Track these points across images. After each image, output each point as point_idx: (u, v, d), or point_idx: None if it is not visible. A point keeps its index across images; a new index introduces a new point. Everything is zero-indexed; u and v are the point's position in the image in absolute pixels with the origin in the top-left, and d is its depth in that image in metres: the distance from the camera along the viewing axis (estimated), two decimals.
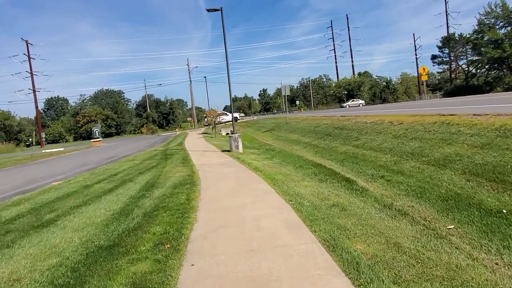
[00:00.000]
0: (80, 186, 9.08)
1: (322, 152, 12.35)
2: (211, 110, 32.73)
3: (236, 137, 15.34)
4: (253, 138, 25.18)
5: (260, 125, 33.79)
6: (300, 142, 16.66)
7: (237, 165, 11.02)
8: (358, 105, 51.28)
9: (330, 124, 17.65)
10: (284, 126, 25.47)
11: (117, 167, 13.04)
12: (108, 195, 7.45)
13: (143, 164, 13.19)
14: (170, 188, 7.61)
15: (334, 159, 10.58)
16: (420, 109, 16.83)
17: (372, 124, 13.54)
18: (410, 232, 4.18)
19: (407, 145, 8.86)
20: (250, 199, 6.29)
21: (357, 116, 17.27)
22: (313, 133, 17.52)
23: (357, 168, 8.64)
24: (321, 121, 19.93)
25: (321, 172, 8.96)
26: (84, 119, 72.12)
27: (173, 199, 6.45)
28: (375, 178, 7.33)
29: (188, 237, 4.37)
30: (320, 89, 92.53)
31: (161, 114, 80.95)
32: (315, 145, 14.26)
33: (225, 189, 7.33)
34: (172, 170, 10.90)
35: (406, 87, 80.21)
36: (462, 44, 47.03)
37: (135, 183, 8.84)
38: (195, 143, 23.39)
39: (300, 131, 19.88)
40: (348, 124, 15.72)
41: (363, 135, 12.31)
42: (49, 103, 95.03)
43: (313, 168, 9.66)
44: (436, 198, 5.31)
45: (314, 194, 6.33)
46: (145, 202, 6.43)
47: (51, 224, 5.38)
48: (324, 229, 4.19)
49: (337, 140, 13.58)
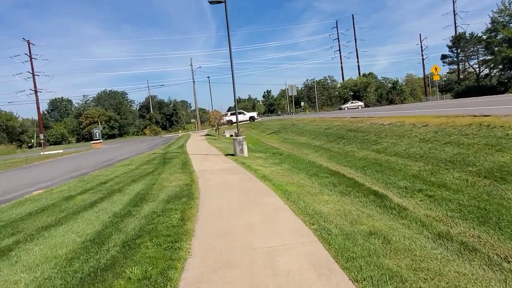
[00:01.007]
0: (61, 197, 7.86)
1: (337, 157, 11.05)
2: (215, 111, 31.55)
3: (241, 140, 14.10)
4: (258, 140, 23.92)
5: (265, 127, 32.53)
6: (310, 145, 15.37)
7: (242, 172, 9.77)
8: (357, 107, 49.49)
9: (342, 126, 16.35)
10: (290, 128, 24.19)
11: (110, 173, 11.83)
12: (88, 211, 6.21)
13: (139, 170, 11.97)
14: (162, 203, 6.37)
15: (353, 166, 9.27)
16: (439, 110, 15.49)
17: (390, 126, 12.23)
18: (498, 284, 2.88)
19: (442, 150, 7.54)
20: (259, 217, 5.03)
21: (371, 118, 15.97)
22: (323, 136, 16.22)
23: (384, 178, 7.33)
24: (331, 123, 18.63)
25: (341, 182, 7.66)
26: (87, 120, 71.43)
27: (164, 219, 5.20)
28: (411, 192, 6.02)
29: (176, 285, 3.11)
30: (324, 90, 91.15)
31: (164, 116, 80.00)
32: (328, 149, 12.96)
33: (228, 204, 6.07)
34: (169, 177, 9.67)
35: (411, 88, 78.46)
36: (473, 44, 45.37)
37: (124, 194, 7.60)
38: (197, 145, 22.18)
39: (309, 134, 18.59)
40: (363, 126, 14.41)
41: (383, 139, 11.00)
42: (53, 104, 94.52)
43: (330, 177, 8.37)
44: (510, 224, 4.01)
45: (339, 213, 5.04)
46: (129, 223, 5.18)
47: (2, 256, 4.15)
48: (371, 278, 2.91)
49: (353, 143, 12.27)
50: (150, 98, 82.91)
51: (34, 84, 54.95)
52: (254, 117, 43.75)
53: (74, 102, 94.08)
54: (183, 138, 33.15)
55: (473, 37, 45.13)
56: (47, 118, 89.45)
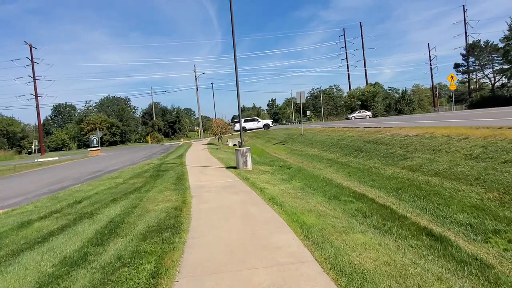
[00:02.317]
0: (16, 223, 6.20)
1: (359, 175, 9.33)
2: (217, 119, 29.92)
3: (245, 151, 12.44)
4: (263, 151, 22.23)
5: (270, 136, 30.84)
6: (323, 158, 13.64)
7: (245, 191, 8.08)
8: (365, 116, 47.59)
9: (357, 137, 14.63)
10: (298, 138, 22.49)
11: (92, 187, 10.19)
12: (35, 250, 4.54)
13: (125, 185, 10.31)
14: (137, 239, 4.68)
15: (381, 188, 7.54)
16: (466, 121, 13.77)
17: (418, 138, 10.51)
18: None
19: (506, 172, 5.80)
20: (272, 276, 3.35)
21: (389, 128, 14.25)
22: (337, 148, 14.51)
23: (432, 208, 5.60)
24: (344, 133, 16.92)
25: (372, 210, 5.94)
26: (88, 127, 70.40)
27: (129, 273, 3.52)
28: (484, 234, 4.29)
29: None
30: (330, 100, 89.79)
31: (167, 123, 78.74)
32: (345, 164, 11.23)
33: (226, 244, 4.38)
34: (157, 196, 8.00)
35: (418, 99, 76.54)
36: (488, 52, 43.56)
37: (93, 221, 5.92)
38: (197, 155, 20.54)
39: (320, 145, 16.87)
40: (383, 137, 12.70)
41: (413, 153, 9.27)
42: (56, 110, 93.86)
43: (356, 202, 6.64)
44: None
45: (391, 272, 3.32)
46: (76, 279, 3.49)
47: None
48: None
49: (374, 158, 10.55)
50: (153, 105, 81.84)
51: (34, 89, 54.02)
52: (269, 124, 40.59)
53: (78, 108, 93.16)
54: (183, 147, 31.56)
55: (488, 45, 43.34)
56: (50, 124, 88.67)
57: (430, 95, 72.94)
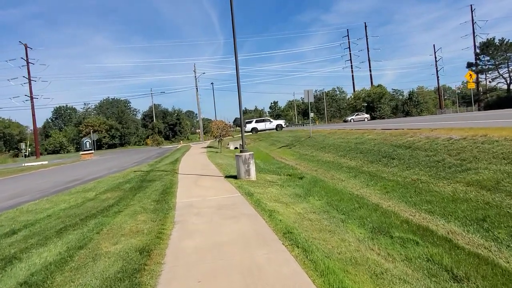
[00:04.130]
0: None
1: (400, 191, 6.94)
2: (217, 121, 27.56)
3: (247, 157, 10.12)
4: (268, 155, 19.86)
5: (274, 139, 28.42)
6: (341, 166, 11.26)
7: (248, 215, 5.77)
8: (363, 119, 46.68)
9: (380, 140, 12.26)
10: (306, 141, 20.13)
11: (49, 206, 7.87)
12: None
13: (93, 202, 7.99)
14: None
15: (448, 215, 5.16)
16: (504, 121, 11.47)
17: (470, 142, 8.15)
18: None
19: None
20: None
21: (417, 130, 11.84)
22: (357, 153, 12.13)
23: None
24: (362, 135, 14.55)
25: (460, 265, 3.58)
26: (87, 129, 68.22)
27: None
28: None
29: None
30: (333, 102, 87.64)
31: (168, 125, 76.60)
32: (374, 175, 8.85)
33: None
34: (125, 224, 5.69)
35: (423, 101, 73.87)
36: (503, 51, 40.93)
37: None
38: (194, 160, 18.23)
39: (334, 149, 14.50)
40: (415, 140, 10.32)
41: (473, 162, 6.90)
42: (57, 112, 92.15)
43: (422, 244, 4.27)
44: None
45: None
46: None
47: None
48: None
49: (414, 167, 8.17)
50: (154, 107, 79.73)
51: (30, 90, 51.97)
52: (282, 125, 37.43)
53: (78, 110, 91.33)
54: (180, 150, 29.28)
55: (504, 43, 40.70)
56: (50, 126, 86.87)
57: (434, 97, 70.41)
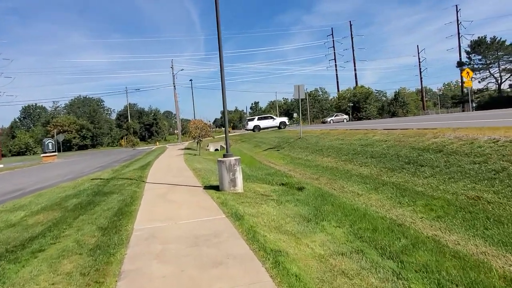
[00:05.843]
0: None
1: (464, 217, 4.77)
2: (196, 120, 24.90)
3: (232, 163, 7.71)
4: (253, 159, 17.49)
5: (258, 140, 26.06)
6: (351, 174, 9.05)
7: (240, 259, 3.35)
8: (342, 120, 46.56)
9: (393, 143, 10.18)
10: (297, 143, 17.92)
11: None
12: None
13: (7, 232, 5.37)
14: None
15: None
16: None
17: None
18: None
19: None
20: None
21: (441, 130, 9.86)
22: (367, 157, 9.98)
23: None
24: (366, 136, 12.47)
25: None
26: (56, 129, 63.26)
27: None
28: None
29: None
30: (316, 102, 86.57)
31: (144, 125, 72.71)
32: (405, 188, 6.66)
33: None
34: (33, 285, 3.18)
35: (407, 102, 73.83)
36: (494, 50, 40.31)
37: None
38: (168, 165, 15.61)
39: (335, 152, 12.32)
40: (446, 142, 8.27)
41: None
42: (25, 112, 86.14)
43: None
44: None
45: None
46: None
47: None
48: None
49: (464, 178, 6.05)
50: (129, 106, 75.44)
51: None
52: (286, 122, 35.57)
53: (48, 109, 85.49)
54: (155, 153, 26.41)
55: (495, 42, 40.14)
56: (18, 126, 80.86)
57: (416, 99, 70.57)
